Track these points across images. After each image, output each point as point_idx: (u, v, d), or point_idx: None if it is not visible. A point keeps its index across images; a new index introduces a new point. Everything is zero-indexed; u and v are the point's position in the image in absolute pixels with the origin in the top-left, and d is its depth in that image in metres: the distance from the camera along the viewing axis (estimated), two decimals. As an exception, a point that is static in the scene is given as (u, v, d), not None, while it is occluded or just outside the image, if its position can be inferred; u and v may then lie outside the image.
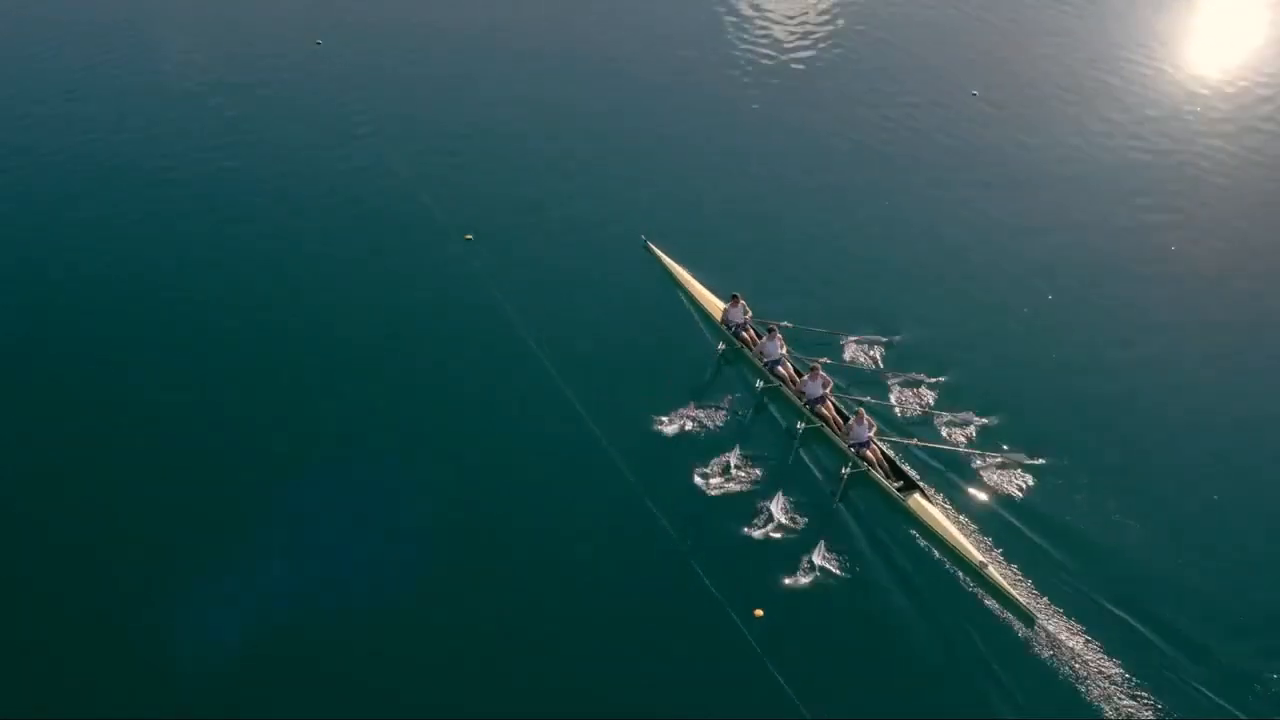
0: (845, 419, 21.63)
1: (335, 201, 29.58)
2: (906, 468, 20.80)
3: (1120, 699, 16.96)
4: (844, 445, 21.26)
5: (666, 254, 26.97)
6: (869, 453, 20.84)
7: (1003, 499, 20.29)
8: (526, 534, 19.85)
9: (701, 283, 26.00)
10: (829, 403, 21.95)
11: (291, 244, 27.84)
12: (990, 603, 18.48)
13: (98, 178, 30.53)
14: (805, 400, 22.14)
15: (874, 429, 21.12)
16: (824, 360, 23.08)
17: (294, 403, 22.69)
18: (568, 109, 34.42)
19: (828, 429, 21.70)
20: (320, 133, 32.97)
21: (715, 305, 25.19)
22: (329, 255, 27.39)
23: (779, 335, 23.30)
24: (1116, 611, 18.18)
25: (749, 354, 23.68)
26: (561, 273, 26.78)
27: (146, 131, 32.93)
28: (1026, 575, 18.83)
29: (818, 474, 21.01)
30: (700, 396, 22.49)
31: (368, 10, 41.79)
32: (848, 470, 20.73)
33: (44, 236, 28.01)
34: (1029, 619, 18.09)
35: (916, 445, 21.22)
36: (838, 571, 19.01)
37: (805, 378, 22.22)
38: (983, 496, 20.36)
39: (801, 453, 21.41)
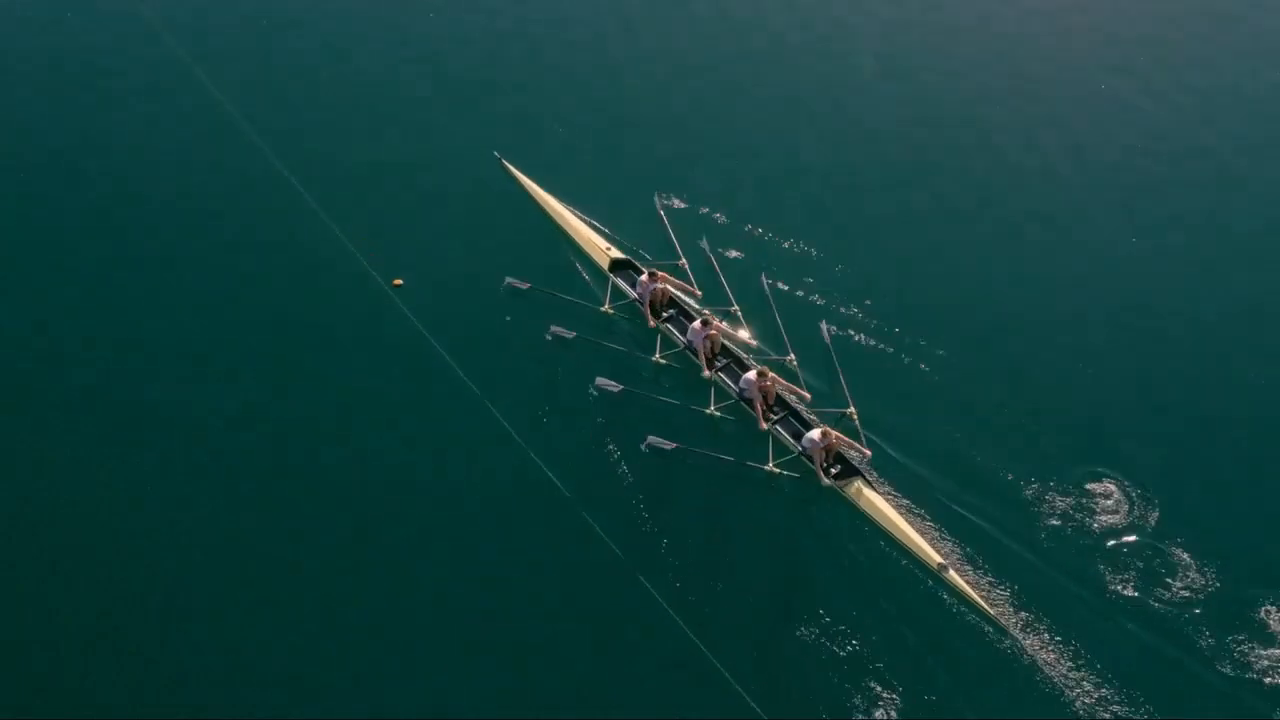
0: (779, 403, 18.68)
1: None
2: (843, 448, 18.07)
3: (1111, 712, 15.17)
4: (770, 430, 18.36)
5: (526, 174, 22.90)
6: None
7: (961, 474, 17.73)
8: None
9: (571, 208, 22.13)
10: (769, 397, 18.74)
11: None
12: (955, 610, 16.23)
13: None
14: (738, 396, 18.87)
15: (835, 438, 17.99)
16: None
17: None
18: None
19: (747, 408, 18.70)
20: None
21: (590, 240, 21.49)
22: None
23: (716, 321, 19.65)
24: (1103, 608, 16.16)
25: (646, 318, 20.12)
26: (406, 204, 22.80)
27: None
28: (995, 573, 16.56)
29: (741, 459, 18.02)
30: (602, 367, 19.09)
31: None
32: (774, 466, 17.94)
33: None
34: (999, 628, 15.96)
35: (852, 415, 18.46)
36: (781, 583, 16.58)
37: (750, 375, 18.60)
38: (936, 473, 17.79)
39: (721, 433, 18.46)
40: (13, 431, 18.43)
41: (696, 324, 19.38)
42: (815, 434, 17.79)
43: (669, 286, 20.08)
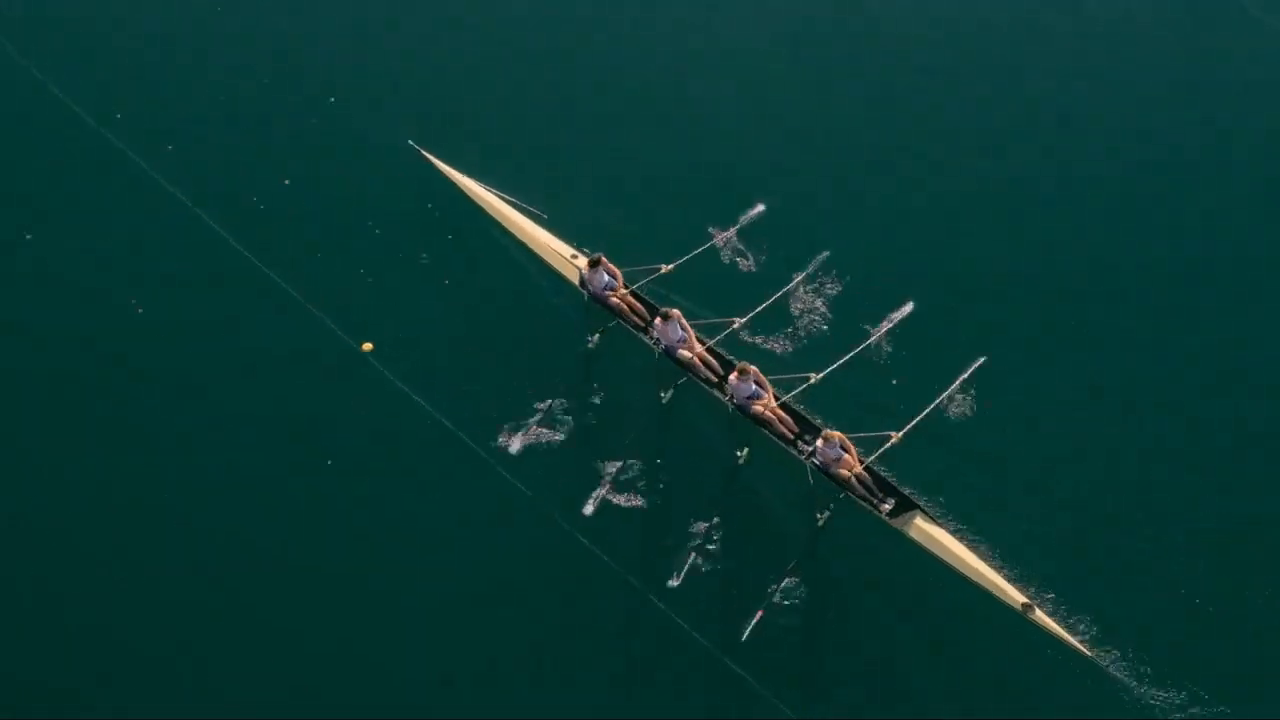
0: (802, 425, 16.25)
1: None
2: (895, 480, 15.77)
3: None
4: (806, 463, 16.03)
5: (454, 166, 19.49)
6: (843, 471, 15.76)
7: (1024, 480, 15.98)
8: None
9: (517, 206, 18.93)
10: (770, 398, 16.39)
11: None
12: (1049, 655, 14.59)
13: None
14: (735, 402, 16.48)
15: (845, 444, 15.72)
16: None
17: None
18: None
19: (772, 437, 16.29)
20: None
21: (549, 248, 18.44)
22: None
23: (676, 315, 16.80)
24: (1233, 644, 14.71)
25: (635, 335, 17.35)
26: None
27: None
28: (1087, 607, 14.90)
29: (781, 509, 16.03)
30: (600, 423, 16.63)
31: None
32: (826, 514, 15.78)
33: None
34: (1098, 671, 14.41)
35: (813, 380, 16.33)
36: (849, 653, 14.87)
37: (733, 378, 16.26)
38: (1000, 485, 15.99)
39: (758, 488, 16.14)
40: (12, 432, 17.25)
41: (657, 321, 16.89)
42: (819, 443, 15.72)
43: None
